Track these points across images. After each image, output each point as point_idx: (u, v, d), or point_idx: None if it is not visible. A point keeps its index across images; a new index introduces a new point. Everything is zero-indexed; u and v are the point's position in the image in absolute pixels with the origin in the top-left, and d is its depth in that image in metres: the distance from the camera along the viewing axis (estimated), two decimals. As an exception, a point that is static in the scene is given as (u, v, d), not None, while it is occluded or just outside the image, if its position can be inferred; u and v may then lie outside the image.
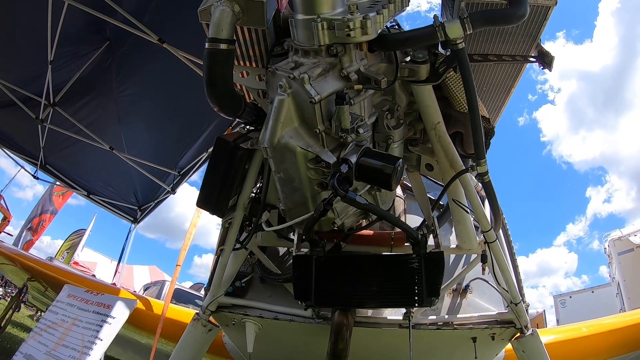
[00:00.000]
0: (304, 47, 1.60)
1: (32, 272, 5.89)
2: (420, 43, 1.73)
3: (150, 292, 13.29)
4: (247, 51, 1.99)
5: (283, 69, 1.59)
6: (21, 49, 6.00)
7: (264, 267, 2.98)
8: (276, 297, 3.04)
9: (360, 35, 1.50)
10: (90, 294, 4.77)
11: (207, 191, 2.26)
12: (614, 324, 4.70)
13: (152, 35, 5.08)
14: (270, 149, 1.68)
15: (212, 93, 1.79)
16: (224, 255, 2.66)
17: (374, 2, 1.69)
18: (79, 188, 8.83)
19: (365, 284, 2.11)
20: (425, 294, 1.96)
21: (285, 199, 1.97)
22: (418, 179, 2.54)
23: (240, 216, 2.39)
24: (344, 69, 1.61)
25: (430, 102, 1.99)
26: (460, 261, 3.08)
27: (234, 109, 1.93)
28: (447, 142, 2.09)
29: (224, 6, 1.69)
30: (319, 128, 1.61)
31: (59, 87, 6.46)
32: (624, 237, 10.14)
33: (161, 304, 5.11)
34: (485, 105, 2.48)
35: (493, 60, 1.93)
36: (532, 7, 1.76)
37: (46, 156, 8.06)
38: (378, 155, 1.67)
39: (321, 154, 1.65)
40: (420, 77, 1.84)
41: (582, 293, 13.29)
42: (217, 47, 1.68)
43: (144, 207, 8.84)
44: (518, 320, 2.73)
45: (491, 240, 2.40)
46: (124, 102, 6.73)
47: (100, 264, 19.68)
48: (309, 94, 1.50)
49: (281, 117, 1.60)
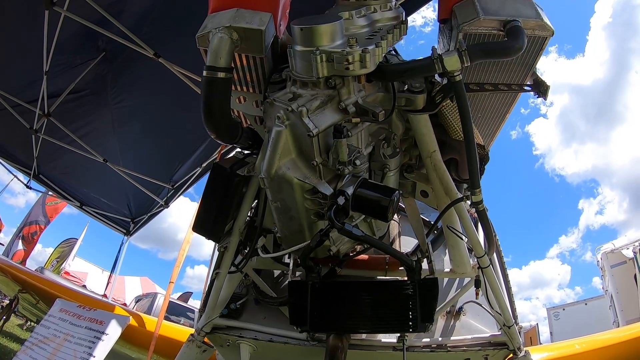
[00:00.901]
0: (302, 78, 1.61)
1: (24, 284, 5.83)
2: (418, 75, 1.74)
3: (141, 304, 13.13)
4: (244, 77, 1.99)
5: (281, 101, 1.59)
6: (16, 57, 5.97)
7: (259, 290, 2.97)
8: (271, 319, 3.01)
9: (359, 69, 1.51)
10: (83, 309, 4.74)
11: (204, 217, 2.25)
12: (607, 340, 4.70)
13: (148, 50, 5.08)
14: (268, 179, 1.68)
15: (209, 121, 1.79)
16: (219, 278, 2.64)
17: (373, 33, 1.71)
18: (72, 199, 8.77)
19: (360, 310, 2.10)
20: (419, 319, 1.95)
21: (282, 227, 1.96)
22: (413, 204, 2.55)
23: (236, 241, 2.38)
24: (342, 101, 1.61)
25: (426, 131, 2.00)
26: (454, 284, 3.09)
27: (231, 136, 1.94)
28: (443, 170, 2.11)
29: (222, 34, 1.70)
30: (317, 160, 1.62)
31: (53, 96, 6.41)
32: (616, 249, 10.22)
33: (153, 320, 5.07)
34: (479, 130, 2.50)
35: (489, 89, 1.96)
36: (529, 38, 1.79)
37: (39, 166, 8.02)
38: (375, 187, 1.67)
39: (318, 186, 1.65)
40: (417, 107, 1.86)
41: (575, 305, 13.31)
42: (215, 76, 1.69)
43: (137, 219, 8.79)
44: (511, 342, 2.73)
45: (485, 265, 2.41)
46: (119, 113, 6.70)
47: (91, 274, 19.50)
48: (307, 127, 1.51)
49: (279, 148, 1.60)
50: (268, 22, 1.74)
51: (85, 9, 4.77)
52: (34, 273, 6.66)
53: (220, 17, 1.78)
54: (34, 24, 5.09)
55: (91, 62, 5.83)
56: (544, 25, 1.75)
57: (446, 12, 1.90)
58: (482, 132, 2.52)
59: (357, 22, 1.70)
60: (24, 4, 4.89)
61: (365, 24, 1.73)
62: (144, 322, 5.20)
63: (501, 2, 1.77)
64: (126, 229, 9.09)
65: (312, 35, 1.50)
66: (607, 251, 10.41)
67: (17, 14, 5.18)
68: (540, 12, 1.77)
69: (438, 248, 2.77)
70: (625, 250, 9.94)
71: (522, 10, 1.75)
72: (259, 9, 1.79)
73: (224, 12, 1.80)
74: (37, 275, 6.36)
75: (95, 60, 5.81)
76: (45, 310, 5.56)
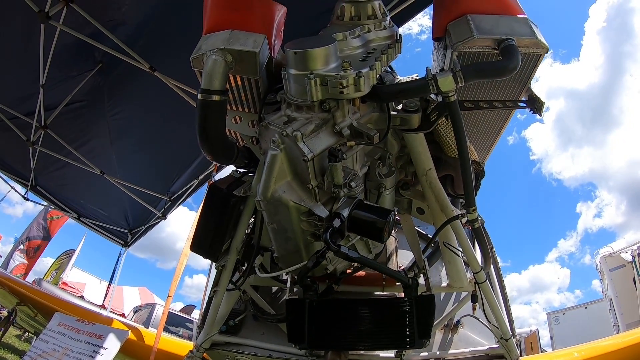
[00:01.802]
0: (296, 101, 1.60)
1: (22, 297, 5.79)
2: (412, 96, 1.75)
3: (140, 314, 13.06)
4: (239, 97, 2.00)
5: (276, 124, 1.59)
6: (12, 69, 5.97)
7: (257, 306, 2.96)
8: (269, 335, 3.01)
9: (354, 92, 1.50)
10: (82, 323, 4.72)
11: (201, 237, 2.25)
12: (607, 346, 4.66)
13: (144, 64, 5.09)
14: (264, 202, 1.67)
15: (205, 143, 1.80)
16: (217, 296, 2.63)
17: (367, 54, 1.71)
18: (69, 210, 8.74)
19: (358, 327, 2.10)
20: (417, 336, 1.94)
21: (279, 247, 1.96)
22: (409, 221, 2.55)
23: (233, 260, 2.38)
24: (337, 124, 1.61)
25: (421, 149, 2.00)
26: (451, 297, 3.09)
27: (227, 157, 1.94)
28: (438, 188, 2.11)
29: (217, 56, 1.70)
30: (312, 184, 1.62)
31: (50, 108, 6.41)
32: (614, 253, 10.20)
33: (152, 334, 5.05)
34: (475, 144, 2.51)
35: (484, 107, 1.96)
36: (523, 55, 1.80)
37: (37, 177, 7.99)
38: (370, 208, 1.67)
39: (314, 209, 1.65)
40: (412, 126, 1.86)
41: (575, 309, 13.27)
42: (209, 99, 1.69)
43: (134, 230, 8.76)
44: (509, 354, 2.75)
45: (481, 280, 2.42)
46: (115, 125, 6.67)
47: (89, 285, 19.35)
48: (302, 151, 1.50)
49: (274, 172, 1.60)
50: (262, 43, 1.75)
51: (81, 21, 4.78)
52: (31, 286, 6.63)
53: (215, 39, 1.79)
54: (30, 36, 5.11)
55: (88, 73, 5.81)
56: (539, 42, 1.75)
57: (440, 31, 1.90)
58: (478, 146, 2.53)
59: (351, 43, 1.70)
60: (19, 18, 4.89)
61: (359, 44, 1.72)
62: (143, 336, 5.17)
63: (495, 20, 1.77)
64: (124, 240, 9.05)
65: (306, 59, 1.50)
66: (606, 255, 10.40)
67: (13, 27, 5.19)
68: (534, 29, 1.77)
69: (435, 262, 2.78)
70: (623, 254, 9.94)
71: (516, 28, 1.75)
72: (253, 30, 1.80)
73: (218, 34, 1.81)
74: (35, 288, 6.33)
75: (91, 72, 5.79)
76: (44, 323, 5.54)
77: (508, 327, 2.66)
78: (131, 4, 4.72)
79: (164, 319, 4.93)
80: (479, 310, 2.79)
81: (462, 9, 1.81)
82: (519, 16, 1.81)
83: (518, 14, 1.82)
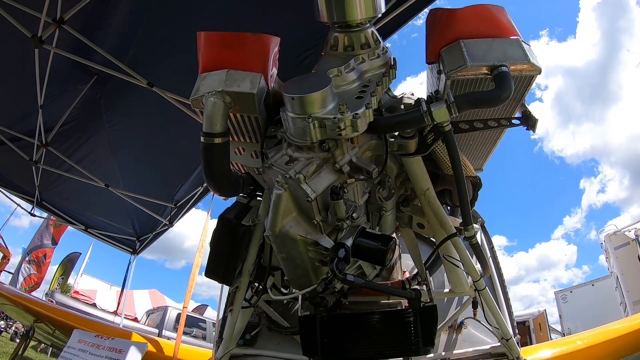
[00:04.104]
0: (297, 142, 1.65)
1: (38, 315, 5.90)
2: (408, 127, 1.79)
3: (153, 317, 13.28)
4: (240, 129, 2.05)
5: (278, 165, 1.64)
6: (9, 91, 6.00)
7: (271, 319, 3.06)
8: (284, 344, 3.12)
9: (351, 133, 1.54)
10: (101, 339, 4.83)
11: (214, 264, 2.32)
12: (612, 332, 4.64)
13: (141, 80, 5.11)
14: (273, 237, 1.73)
15: (211, 182, 1.87)
16: (233, 314, 2.72)
17: (363, 88, 1.73)
18: (76, 222, 8.85)
19: (367, 338, 2.22)
20: (422, 344, 2.08)
21: (288, 272, 2.03)
22: (410, 234, 2.61)
23: (246, 282, 2.45)
24: (337, 162, 1.65)
25: (419, 171, 2.05)
26: (454, 300, 3.21)
27: (233, 191, 2.02)
28: (437, 206, 2.17)
29: (216, 99, 1.74)
30: (317, 219, 1.67)
31: (49, 124, 6.45)
32: (618, 231, 10.27)
33: (170, 344, 5.15)
34: (472, 154, 2.55)
35: (479, 127, 1.99)
36: (516, 78, 1.81)
37: (42, 193, 8.07)
38: (372, 236, 1.73)
39: (320, 240, 1.71)
40: (409, 151, 1.91)
41: (582, 287, 13.39)
42: (212, 142, 1.74)
43: (142, 237, 8.86)
44: (510, 352, 2.87)
45: (481, 288, 2.52)
46: (115, 136, 6.72)
47: (100, 291, 19.52)
48: (305, 193, 1.55)
49: (280, 210, 1.65)
50: (259, 83, 1.78)
51: (74, 38, 4.79)
52: (47, 304, 6.73)
53: (212, 80, 1.82)
54: (25, 56, 5.11)
55: (84, 86, 5.83)
56: (531, 65, 1.77)
57: (433, 56, 1.92)
58: (476, 155, 2.57)
59: (346, 78, 1.73)
60: (12, 40, 4.89)
61: (354, 77, 1.75)
62: (162, 347, 5.28)
63: (488, 45, 1.79)
64: (132, 247, 9.17)
65: (304, 104, 1.54)
66: (610, 233, 10.47)
67: (7, 49, 5.20)
68: (527, 51, 1.78)
69: (437, 269, 2.86)
70: (627, 232, 10.01)
71: (509, 52, 1.76)
72: (249, 68, 1.83)
73: (215, 74, 1.83)
74: (51, 306, 6.42)
75: (87, 85, 5.81)
76: (62, 338, 5.64)
77: (508, 328, 2.78)
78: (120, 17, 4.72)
79: (181, 330, 5.03)
80: (480, 311, 2.90)
81: (454, 34, 1.83)
82: (511, 38, 1.82)
83: (511, 36, 1.83)
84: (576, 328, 11.79)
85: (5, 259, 10.75)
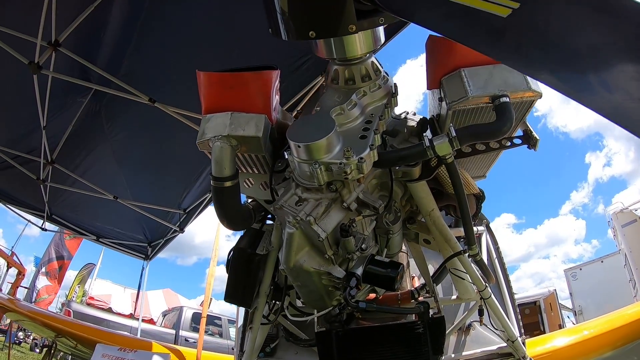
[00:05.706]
0: (305, 184, 1.69)
1: (58, 331, 6.04)
2: (412, 161, 1.83)
3: (169, 317, 13.51)
4: (247, 161, 2.10)
5: (288, 207, 1.69)
6: (10, 110, 6.04)
7: (289, 332, 3.17)
8: (302, 354, 3.26)
9: (357, 175, 1.59)
10: (124, 352, 4.96)
11: (233, 290, 2.40)
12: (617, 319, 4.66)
13: (143, 97, 5.14)
14: (287, 270, 1.80)
15: (224, 221, 1.94)
16: (252, 332, 2.82)
17: (366, 123, 1.76)
18: (87, 233, 8.95)
19: (380, 350, 2.34)
20: (431, 353, 2.20)
21: (303, 296, 2.11)
22: (418, 248, 2.68)
23: (263, 302, 2.54)
24: (345, 201, 1.70)
25: (423, 194, 2.11)
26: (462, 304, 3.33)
27: (246, 225, 2.11)
28: (442, 225, 2.23)
29: (222, 143, 1.80)
30: (328, 254, 1.73)
31: (53, 140, 6.49)
32: (625, 209, 10.28)
33: (192, 353, 5.27)
34: (476, 163, 2.59)
35: (482, 150, 2.01)
36: (517, 103, 1.83)
37: (51, 208, 8.16)
38: (382, 264, 1.79)
39: (332, 271, 1.77)
40: (414, 177, 1.96)
41: (591, 264, 13.37)
42: (222, 185, 1.81)
43: (153, 243, 8.96)
44: (516, 353, 3.00)
45: (486, 297, 2.62)
46: (118, 146, 6.74)
47: (114, 295, 19.78)
48: (316, 233, 1.62)
49: (293, 246, 1.72)
50: (263, 125, 1.82)
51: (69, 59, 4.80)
52: (67, 319, 6.88)
53: (216, 123, 1.85)
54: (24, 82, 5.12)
55: (83, 99, 5.84)
56: (532, 91, 1.79)
57: (435, 84, 1.94)
58: (479, 165, 2.61)
59: (349, 115, 1.75)
60: (12, 68, 4.91)
61: (357, 114, 1.77)
62: (184, 355, 5.40)
63: (489, 72, 1.79)
64: (144, 253, 9.27)
65: (310, 151, 1.58)
66: (617, 211, 10.47)
67: (6, 76, 5.22)
68: (528, 77, 1.78)
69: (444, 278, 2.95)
70: (634, 210, 10.01)
71: (510, 80, 1.77)
72: (253, 109, 1.86)
73: (219, 117, 1.87)
74: (71, 321, 6.56)
75: (86, 98, 5.82)
76: (84, 351, 5.77)
77: (514, 330, 2.90)
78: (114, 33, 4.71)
79: (202, 340, 5.14)
80: (486, 315, 3.03)
81: (455, 62, 1.84)
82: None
83: None
84: (587, 306, 11.92)
85: (21, 275, 10.90)
